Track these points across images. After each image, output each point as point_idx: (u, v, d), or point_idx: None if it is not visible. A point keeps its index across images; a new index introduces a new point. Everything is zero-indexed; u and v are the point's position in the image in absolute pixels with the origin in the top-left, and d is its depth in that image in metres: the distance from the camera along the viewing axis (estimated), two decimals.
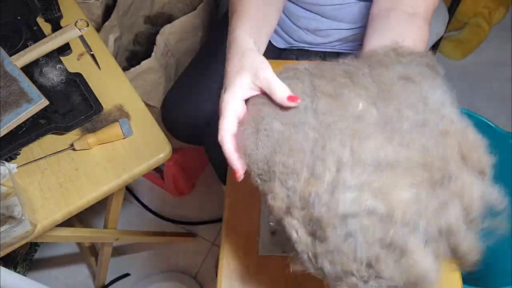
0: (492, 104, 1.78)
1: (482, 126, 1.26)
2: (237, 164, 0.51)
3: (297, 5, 0.95)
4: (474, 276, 1.32)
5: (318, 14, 0.94)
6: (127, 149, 0.83)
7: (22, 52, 0.87)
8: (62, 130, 0.83)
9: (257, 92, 0.52)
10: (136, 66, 1.11)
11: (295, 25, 0.99)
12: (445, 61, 1.89)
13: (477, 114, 1.27)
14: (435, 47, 1.43)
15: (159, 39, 1.15)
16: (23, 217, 0.69)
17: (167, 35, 1.17)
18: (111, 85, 0.89)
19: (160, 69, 1.16)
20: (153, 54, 1.12)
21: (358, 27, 0.95)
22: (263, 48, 0.63)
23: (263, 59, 0.53)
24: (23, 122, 0.81)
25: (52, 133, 0.83)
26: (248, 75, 0.52)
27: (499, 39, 1.94)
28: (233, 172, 0.51)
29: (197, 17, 1.22)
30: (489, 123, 1.25)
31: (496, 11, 1.91)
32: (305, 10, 0.95)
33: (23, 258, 1.46)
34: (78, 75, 0.88)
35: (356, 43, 1.00)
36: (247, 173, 0.49)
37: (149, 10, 1.40)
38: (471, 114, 1.28)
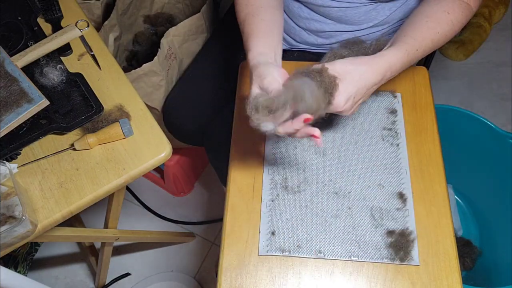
0: (492, 104, 1.78)
1: (482, 126, 1.27)
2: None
3: (303, 5, 0.95)
4: (474, 276, 1.32)
5: (323, 16, 0.94)
6: (127, 149, 0.83)
7: (22, 52, 0.87)
8: (62, 130, 0.83)
9: None
10: (137, 68, 1.11)
11: (297, 25, 0.99)
12: (445, 61, 1.90)
13: (477, 114, 1.27)
14: None
15: (163, 42, 1.14)
16: (24, 217, 0.69)
17: (171, 37, 1.17)
18: (112, 85, 0.89)
19: (162, 72, 1.16)
20: (156, 57, 1.12)
21: (361, 29, 0.95)
22: (280, 47, 0.77)
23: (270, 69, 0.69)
24: (23, 122, 0.81)
25: (52, 133, 0.84)
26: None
27: (499, 39, 1.94)
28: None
29: (201, 19, 1.22)
30: (489, 123, 1.25)
31: (496, 10, 1.91)
32: (310, 11, 0.95)
33: (24, 258, 1.46)
34: (79, 75, 0.88)
35: None
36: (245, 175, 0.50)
37: (149, 10, 1.40)
38: (471, 114, 1.28)
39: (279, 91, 0.66)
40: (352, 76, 0.69)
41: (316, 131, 0.68)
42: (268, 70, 0.69)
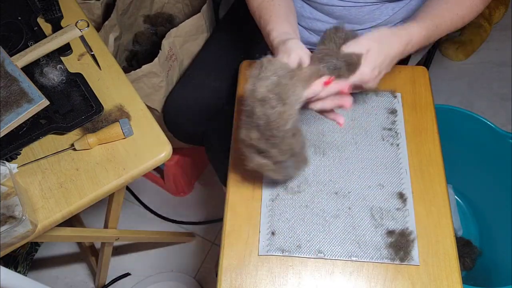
0: (492, 104, 1.78)
1: (482, 126, 1.27)
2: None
3: (306, 3, 0.95)
4: (474, 276, 1.32)
5: (326, 15, 0.94)
6: (127, 149, 0.83)
7: (22, 52, 0.87)
8: (62, 130, 0.83)
9: None
10: (137, 70, 1.11)
11: (299, 25, 0.99)
12: (445, 61, 1.90)
13: (477, 114, 1.27)
14: (435, 47, 1.43)
15: (164, 43, 1.14)
16: (24, 217, 0.69)
17: (173, 38, 1.17)
18: (112, 85, 0.89)
19: (162, 74, 1.16)
20: (156, 59, 1.12)
21: (364, 29, 0.95)
22: (298, 33, 0.78)
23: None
24: (23, 122, 0.81)
25: (52, 133, 0.84)
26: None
27: (499, 39, 1.94)
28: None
29: (202, 19, 1.22)
30: (489, 123, 1.25)
31: (496, 10, 1.91)
32: (312, 10, 0.95)
33: (24, 258, 1.46)
34: (79, 75, 0.88)
35: None
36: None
37: (149, 10, 1.40)
38: (471, 114, 1.28)
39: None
40: (381, 45, 0.71)
41: (341, 118, 0.74)
42: (297, 45, 0.70)
